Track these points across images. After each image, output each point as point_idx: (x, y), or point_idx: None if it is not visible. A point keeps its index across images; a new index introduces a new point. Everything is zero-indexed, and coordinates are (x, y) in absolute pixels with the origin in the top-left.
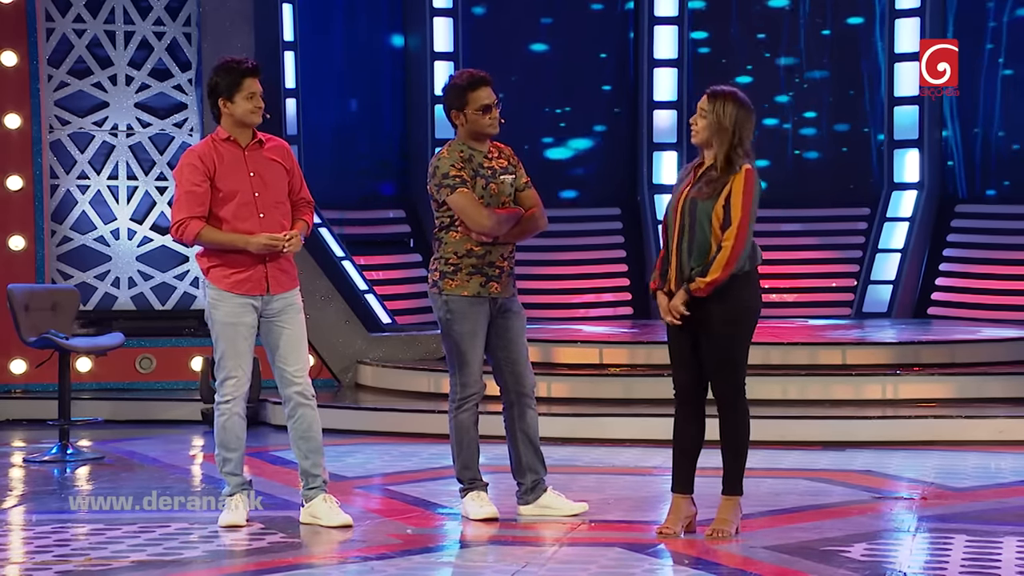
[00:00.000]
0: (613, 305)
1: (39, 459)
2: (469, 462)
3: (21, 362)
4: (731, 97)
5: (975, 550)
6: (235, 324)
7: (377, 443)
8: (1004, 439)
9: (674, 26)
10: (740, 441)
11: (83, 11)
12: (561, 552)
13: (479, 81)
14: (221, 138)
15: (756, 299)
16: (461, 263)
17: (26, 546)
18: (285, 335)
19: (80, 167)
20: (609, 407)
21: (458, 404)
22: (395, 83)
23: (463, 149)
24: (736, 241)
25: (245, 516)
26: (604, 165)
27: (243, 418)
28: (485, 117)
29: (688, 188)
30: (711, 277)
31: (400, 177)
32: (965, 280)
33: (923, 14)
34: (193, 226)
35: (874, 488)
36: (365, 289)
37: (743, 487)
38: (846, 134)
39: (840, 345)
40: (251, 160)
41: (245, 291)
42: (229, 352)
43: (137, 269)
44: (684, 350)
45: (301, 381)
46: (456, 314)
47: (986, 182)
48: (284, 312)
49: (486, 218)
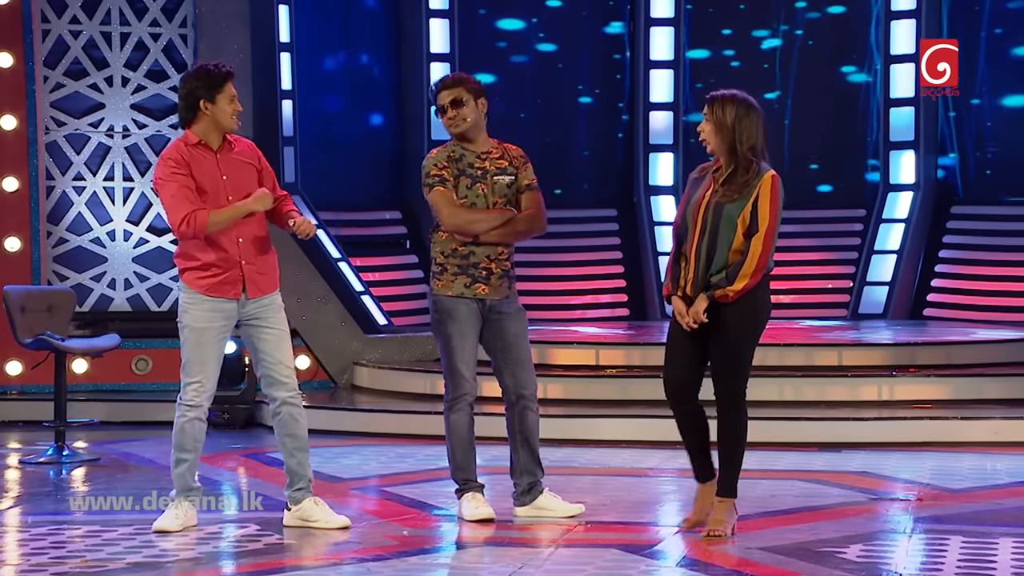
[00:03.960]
0: (609, 307)
1: (35, 461)
2: (463, 463)
3: (17, 363)
4: (730, 99)
5: (971, 551)
6: (204, 329)
7: (373, 444)
8: (1000, 440)
9: (670, 27)
10: (738, 443)
11: (79, 12)
12: (557, 553)
13: (439, 84)
14: (191, 143)
15: (767, 301)
16: (447, 263)
17: (21, 548)
18: (266, 335)
19: (76, 168)
20: (605, 408)
21: (449, 405)
22: (391, 84)
23: (454, 149)
24: (764, 248)
25: (182, 523)
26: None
27: (203, 422)
28: (444, 118)
29: (709, 192)
30: (740, 284)
31: (396, 179)
32: (961, 282)
33: (919, 15)
34: (201, 215)
35: (870, 489)
36: (361, 290)
37: (738, 489)
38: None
39: (836, 346)
40: (223, 163)
41: (220, 294)
42: (194, 357)
43: (133, 270)
44: (686, 350)
45: (288, 380)
46: (443, 314)
47: (982, 184)
48: (262, 312)
49: (456, 216)
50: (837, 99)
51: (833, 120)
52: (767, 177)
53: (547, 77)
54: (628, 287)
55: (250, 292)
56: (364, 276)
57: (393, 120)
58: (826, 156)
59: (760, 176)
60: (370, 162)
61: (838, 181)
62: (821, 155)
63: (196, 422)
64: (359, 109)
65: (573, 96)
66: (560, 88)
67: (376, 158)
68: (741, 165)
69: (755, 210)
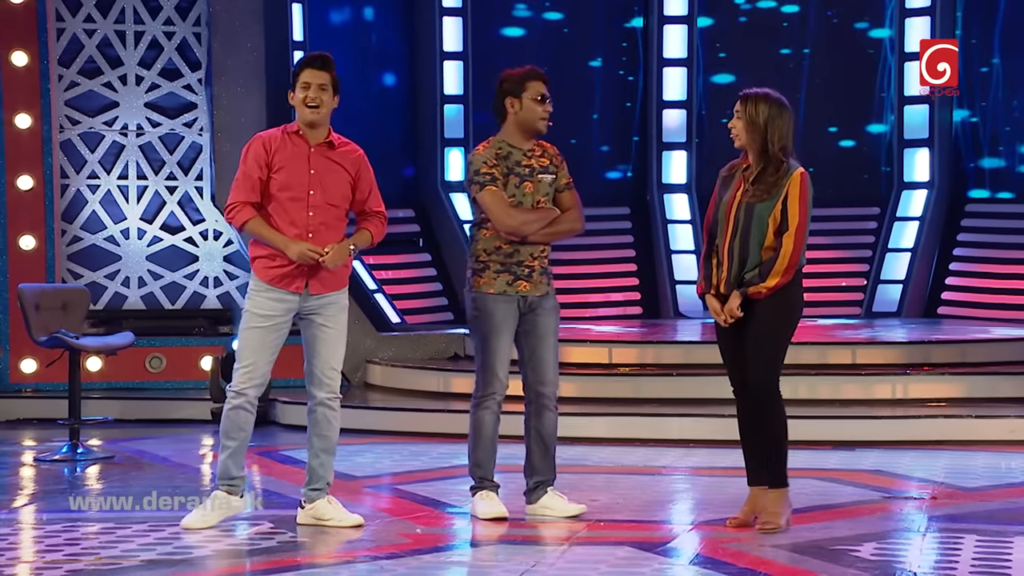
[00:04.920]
0: (622, 305)
1: (49, 458)
2: (482, 460)
3: (32, 361)
4: (763, 97)
5: (985, 550)
6: (264, 316)
7: (386, 442)
8: (1015, 439)
9: (683, 25)
10: (779, 432)
11: (93, 11)
12: (571, 551)
13: (539, 74)
14: (292, 130)
15: (801, 296)
16: (489, 261)
17: (36, 545)
18: (323, 332)
19: (90, 167)
20: (618, 407)
21: (478, 401)
22: (404, 84)
23: (501, 146)
24: (795, 245)
25: (209, 521)
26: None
27: (249, 412)
28: (539, 107)
29: (739, 192)
30: (772, 282)
31: (409, 177)
32: (975, 279)
33: (933, 13)
34: (244, 213)
35: (884, 488)
36: (375, 288)
37: (787, 479)
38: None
39: (850, 345)
40: (315, 158)
41: (283, 286)
42: (248, 342)
43: (147, 268)
44: (734, 348)
45: (331, 381)
46: (482, 312)
47: (996, 181)
48: (323, 310)
49: (511, 218)
50: (853, 95)
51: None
52: (796, 175)
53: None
54: (641, 285)
55: (312, 288)
56: (377, 274)
57: (406, 120)
58: (840, 153)
59: (789, 174)
60: (382, 161)
61: (853, 178)
62: (835, 152)
63: (241, 411)
64: (371, 107)
65: (581, 95)
66: (568, 87)
67: (388, 157)
68: (771, 164)
69: (785, 208)
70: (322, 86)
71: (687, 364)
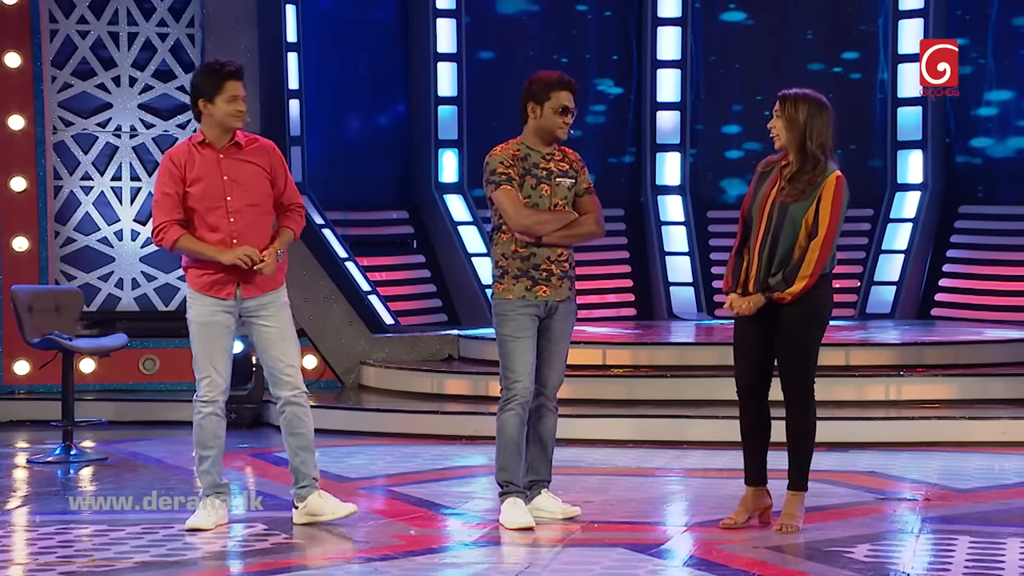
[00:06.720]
0: (616, 306)
1: (43, 460)
2: (507, 464)
3: (25, 363)
4: (802, 97)
5: (979, 551)
6: (206, 323)
7: (380, 444)
8: (1008, 440)
9: (677, 27)
10: (807, 437)
11: (87, 12)
12: (564, 553)
13: (567, 84)
14: (197, 141)
15: (830, 299)
16: (508, 265)
17: (30, 547)
18: (266, 333)
19: (84, 168)
20: (612, 408)
21: (502, 405)
22: (399, 84)
23: (519, 148)
24: (822, 252)
25: (214, 520)
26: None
27: (221, 417)
28: (559, 118)
29: (775, 189)
30: (797, 287)
31: (403, 178)
32: (969, 281)
33: (927, 15)
34: (172, 232)
35: (877, 489)
36: (368, 290)
37: (808, 483)
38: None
39: (843, 346)
40: (225, 164)
41: (214, 293)
42: (201, 352)
43: (140, 270)
44: (754, 347)
45: (290, 378)
46: (501, 317)
47: (990, 183)
48: (262, 310)
49: (524, 216)
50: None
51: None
52: (832, 178)
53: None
54: (635, 287)
55: (245, 292)
56: (371, 276)
57: (400, 120)
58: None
59: (825, 176)
60: (377, 162)
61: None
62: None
63: (212, 417)
64: (366, 109)
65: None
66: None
67: (383, 158)
68: (809, 162)
69: (817, 212)
70: (244, 97)
71: (681, 366)
